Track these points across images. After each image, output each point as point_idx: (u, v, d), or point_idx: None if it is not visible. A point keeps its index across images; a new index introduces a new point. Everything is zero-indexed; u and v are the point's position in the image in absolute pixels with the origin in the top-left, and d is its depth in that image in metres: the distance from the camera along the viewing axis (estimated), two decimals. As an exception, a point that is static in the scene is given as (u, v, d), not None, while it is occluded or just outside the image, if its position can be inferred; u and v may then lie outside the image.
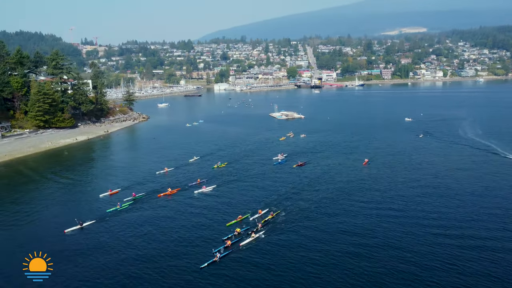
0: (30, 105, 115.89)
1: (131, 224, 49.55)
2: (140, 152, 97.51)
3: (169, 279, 36.77)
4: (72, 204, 58.68)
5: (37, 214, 54.42)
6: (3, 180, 73.13)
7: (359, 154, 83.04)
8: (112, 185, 64.99)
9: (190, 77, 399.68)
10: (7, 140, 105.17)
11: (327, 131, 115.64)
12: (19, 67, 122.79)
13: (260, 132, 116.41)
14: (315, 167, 73.63)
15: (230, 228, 47.07)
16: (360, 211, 51.57)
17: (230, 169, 74.16)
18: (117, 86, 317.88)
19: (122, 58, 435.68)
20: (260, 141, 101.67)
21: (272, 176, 68.69)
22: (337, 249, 41.46)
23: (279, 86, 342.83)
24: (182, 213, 52.97)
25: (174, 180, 67.95)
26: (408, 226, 46.27)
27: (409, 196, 56.79)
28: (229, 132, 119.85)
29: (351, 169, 72.17)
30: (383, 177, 66.43)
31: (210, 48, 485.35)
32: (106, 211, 54.14)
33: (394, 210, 51.74)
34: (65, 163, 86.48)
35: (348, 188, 60.91)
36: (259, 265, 38.89)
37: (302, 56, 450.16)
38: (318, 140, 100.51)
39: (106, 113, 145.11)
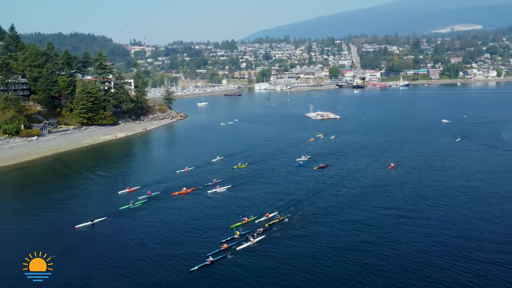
0: (75, 103, 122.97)
1: (138, 223, 50.17)
2: (170, 150, 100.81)
3: (156, 281, 36.40)
4: (91, 200, 60.24)
5: (55, 207, 56.78)
6: (38, 175, 77.70)
7: (388, 157, 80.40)
8: (134, 183, 66.76)
9: (232, 77, 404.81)
10: (53, 136, 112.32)
11: (360, 132, 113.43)
12: (66, 67, 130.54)
13: (292, 132, 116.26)
14: (336, 170, 72.17)
15: (234, 230, 46.46)
16: (374, 218, 49.05)
17: (249, 170, 74.12)
18: (162, 85, 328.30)
19: (167, 58, 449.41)
20: (289, 142, 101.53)
21: (290, 179, 67.62)
22: (343, 260, 38.91)
23: (320, 86, 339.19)
24: (190, 213, 52.98)
25: (192, 179, 68.45)
26: (431, 237, 43.25)
27: (434, 201, 54.24)
28: (261, 131, 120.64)
29: (375, 173, 69.90)
30: (408, 182, 63.93)
31: (253, 48, 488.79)
32: (119, 208, 55.13)
33: (415, 218, 48.91)
34: (100, 159, 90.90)
35: (366, 194, 58.36)
36: (252, 272, 37.64)
37: (345, 55, 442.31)
38: (348, 142, 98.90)
39: (146, 111, 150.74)
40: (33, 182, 73.08)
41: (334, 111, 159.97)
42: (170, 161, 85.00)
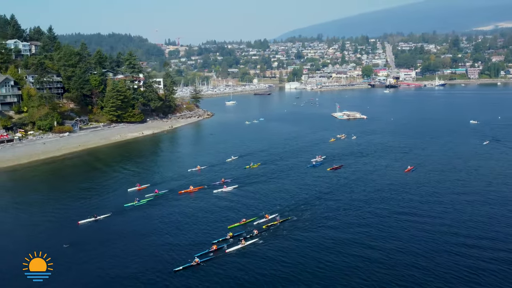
0: (105, 101, 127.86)
1: (136, 221, 50.68)
2: (191, 148, 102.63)
3: (139, 279, 36.32)
4: (100, 196, 61.08)
5: (65, 202, 58.54)
6: (62, 170, 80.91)
7: (407, 159, 77.95)
8: (146, 180, 67.58)
9: (263, 76, 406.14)
10: (83, 132, 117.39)
11: (385, 132, 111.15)
12: (98, 67, 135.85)
13: (315, 132, 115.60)
14: (350, 172, 70.44)
15: (228, 231, 45.63)
16: (382, 224, 46.78)
17: (261, 170, 73.57)
18: (193, 84, 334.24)
19: (200, 57, 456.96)
20: (309, 141, 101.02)
21: (299, 180, 66.53)
22: (335, 268, 37.08)
23: (351, 85, 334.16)
24: (191, 212, 53.02)
25: (202, 178, 68.58)
26: (438, 243, 41.26)
27: (446, 206, 52.05)
28: (284, 130, 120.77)
29: (390, 175, 67.62)
30: (423, 185, 61.43)
31: (286, 47, 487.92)
32: (123, 205, 55.78)
33: (423, 223, 46.73)
34: (123, 156, 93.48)
35: (374, 198, 56.02)
36: (237, 275, 36.72)
37: (379, 54, 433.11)
38: (370, 142, 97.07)
39: (174, 109, 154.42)
40: (55, 176, 76.60)
41: (361, 111, 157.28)
42: (187, 159, 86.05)
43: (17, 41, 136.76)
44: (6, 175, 77.59)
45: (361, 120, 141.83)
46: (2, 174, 77.88)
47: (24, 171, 79.63)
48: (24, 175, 77.28)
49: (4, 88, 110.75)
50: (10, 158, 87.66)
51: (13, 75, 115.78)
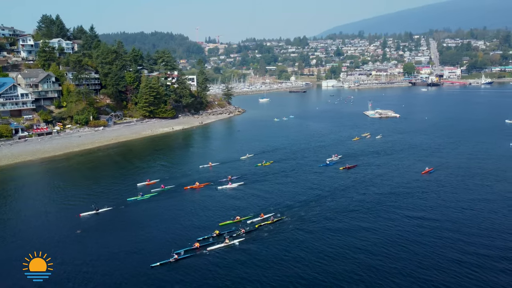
0: (139, 97, 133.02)
1: (134, 215, 51.81)
2: (213, 144, 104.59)
3: (115, 275, 36.62)
4: (109, 189, 62.84)
5: (76, 194, 60.90)
6: (90, 163, 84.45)
7: (429, 160, 75.05)
8: (157, 175, 68.97)
9: (301, 74, 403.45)
10: (117, 127, 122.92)
11: (414, 132, 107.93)
12: (133, 64, 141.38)
13: (342, 130, 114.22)
14: (363, 172, 68.93)
15: (221, 227, 46.04)
16: (376, 228, 44.88)
17: (272, 168, 73.25)
18: (230, 82, 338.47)
19: (239, 55, 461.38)
20: (333, 140, 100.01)
21: (307, 179, 65.53)
22: (316, 276, 35.60)
23: (391, 83, 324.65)
24: (189, 208, 53.70)
25: (212, 175, 69.03)
26: (445, 249, 39.40)
27: (461, 213, 49.26)
28: (310, 128, 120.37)
29: (405, 177, 65.23)
30: (439, 188, 58.74)
31: (325, 44, 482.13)
32: (126, 199, 57.12)
33: (431, 228, 44.59)
34: (150, 150, 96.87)
35: (379, 201, 53.91)
36: (213, 274, 36.54)
37: (423, 51, 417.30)
38: (394, 142, 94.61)
39: (205, 106, 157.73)
40: (85, 167, 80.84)
41: (396, 109, 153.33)
42: (204, 155, 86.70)
43: (61, 40, 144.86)
44: (42, 165, 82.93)
45: (394, 119, 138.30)
46: (40, 165, 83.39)
47: (58, 162, 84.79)
48: (58, 166, 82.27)
49: (46, 84, 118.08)
50: (47, 150, 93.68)
51: (54, 72, 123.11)
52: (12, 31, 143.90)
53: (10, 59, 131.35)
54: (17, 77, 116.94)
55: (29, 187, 67.77)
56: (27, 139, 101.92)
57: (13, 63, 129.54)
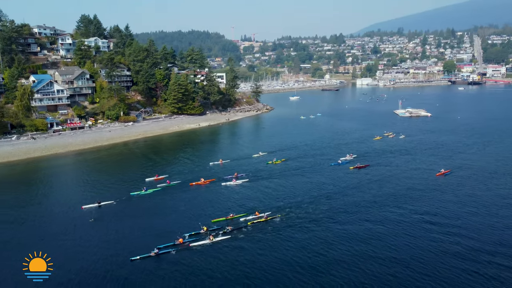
0: (168, 94, 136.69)
1: (132, 209, 52.93)
2: (233, 141, 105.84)
3: (95, 267, 37.67)
4: (117, 183, 64.91)
5: (87, 187, 63.67)
6: (113, 157, 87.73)
7: (448, 161, 72.33)
8: (167, 171, 70.06)
9: (336, 72, 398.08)
10: (146, 122, 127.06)
11: (442, 132, 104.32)
12: (164, 62, 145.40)
13: (366, 129, 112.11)
14: (374, 172, 67.27)
15: (213, 224, 46.27)
16: (372, 233, 43.03)
17: (282, 166, 72.99)
18: (263, 79, 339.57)
19: (274, 53, 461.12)
20: (353, 139, 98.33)
21: (313, 178, 64.61)
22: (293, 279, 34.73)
23: (429, 81, 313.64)
24: (188, 203, 54.39)
25: (220, 172, 69.41)
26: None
27: (470, 220, 46.40)
28: (336, 126, 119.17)
29: (417, 178, 62.93)
30: (451, 192, 55.94)
31: (362, 41, 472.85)
32: (130, 193, 58.46)
33: (439, 235, 42.45)
34: (173, 145, 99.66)
35: (382, 203, 51.93)
36: (189, 270, 36.65)
37: (465, 48, 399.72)
38: (417, 142, 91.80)
39: (233, 103, 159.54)
40: (109, 160, 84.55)
41: (429, 109, 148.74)
42: (220, 152, 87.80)
43: (97, 39, 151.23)
44: (70, 158, 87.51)
45: (425, 118, 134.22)
46: (71, 157, 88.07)
47: (84, 155, 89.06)
48: (83, 158, 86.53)
49: (81, 80, 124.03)
50: (78, 143, 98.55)
51: (89, 70, 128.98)
52: (53, 30, 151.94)
53: (50, 57, 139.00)
54: (55, 74, 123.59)
55: (48, 178, 71.73)
56: (61, 133, 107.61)
57: (53, 61, 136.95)
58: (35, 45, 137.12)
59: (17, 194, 61.87)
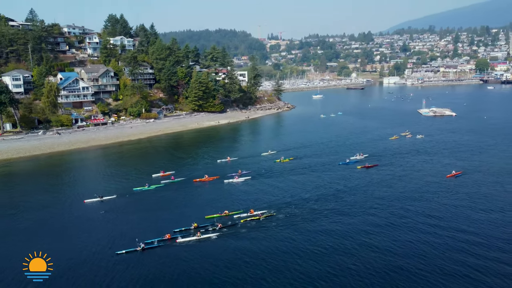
0: (189, 91, 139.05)
1: (131, 203, 53.95)
2: (249, 139, 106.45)
3: (80, 259, 38.40)
4: (124, 178, 66.72)
5: (87, 182, 66.01)
6: (128, 152, 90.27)
7: (463, 162, 69.77)
8: (175, 167, 70.82)
9: (363, 70, 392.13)
10: (167, 119, 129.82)
11: (463, 132, 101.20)
12: (186, 60, 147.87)
13: (385, 128, 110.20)
14: (381, 172, 65.82)
15: (206, 220, 46.52)
16: (363, 237, 41.51)
17: (289, 164, 72.54)
18: (289, 78, 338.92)
19: (301, 51, 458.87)
20: (369, 138, 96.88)
21: (318, 177, 63.67)
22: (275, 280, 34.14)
23: (459, 80, 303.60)
24: (186, 199, 54.94)
25: (226, 169, 69.33)
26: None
27: (478, 227, 43.46)
28: (355, 125, 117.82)
29: (425, 180, 60.79)
30: (460, 195, 53.56)
31: (391, 39, 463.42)
32: (133, 189, 59.69)
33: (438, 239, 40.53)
34: (188, 142, 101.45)
35: (382, 205, 50.30)
36: (173, 266, 36.83)
37: (500, 46, 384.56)
38: (437, 142, 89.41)
39: (254, 101, 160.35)
40: (128, 155, 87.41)
41: (455, 108, 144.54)
42: (233, 149, 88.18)
43: (123, 38, 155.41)
44: (90, 153, 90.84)
45: (449, 118, 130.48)
46: (91, 152, 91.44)
47: (106, 150, 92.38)
48: (106, 153, 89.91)
49: (105, 78, 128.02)
50: (100, 139, 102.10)
51: (114, 67, 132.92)
52: (82, 30, 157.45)
53: (78, 55, 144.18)
54: (81, 72, 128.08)
55: (65, 171, 74.95)
56: (84, 128, 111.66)
57: (80, 59, 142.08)
58: (64, 44, 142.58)
59: (31, 185, 65.14)
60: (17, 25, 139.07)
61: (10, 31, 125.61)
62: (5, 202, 56.96)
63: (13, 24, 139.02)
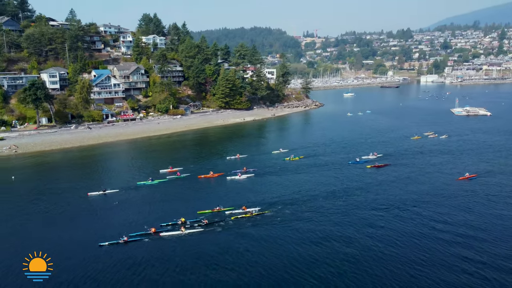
0: (216, 89, 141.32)
1: (135, 197, 55.20)
2: (267, 136, 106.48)
3: (65, 250, 39.31)
4: (132, 172, 68.50)
5: (105, 174, 68.34)
6: (149, 146, 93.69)
7: (482, 165, 66.68)
8: (184, 163, 71.93)
9: (400, 68, 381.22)
10: (193, 116, 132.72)
11: (496, 132, 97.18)
12: (214, 58, 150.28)
13: (410, 127, 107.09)
14: (390, 172, 64.34)
15: (200, 215, 47.04)
16: (356, 240, 40.09)
17: (298, 163, 72.04)
18: (323, 76, 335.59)
19: (336, 49, 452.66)
20: (391, 137, 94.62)
21: (323, 176, 62.93)
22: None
23: (503, 79, 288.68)
24: (183, 194, 55.83)
25: (234, 166, 69.68)
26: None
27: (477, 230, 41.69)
28: (380, 124, 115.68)
29: (434, 182, 58.55)
30: (464, 198, 51.16)
31: (431, 36, 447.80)
32: (136, 183, 60.97)
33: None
34: (208, 138, 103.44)
35: (381, 207, 48.75)
36: (151, 261, 37.24)
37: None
38: (462, 142, 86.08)
39: (282, 99, 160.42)
40: (151, 149, 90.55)
41: (491, 107, 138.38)
42: (246, 147, 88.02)
43: (155, 36, 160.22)
44: (118, 147, 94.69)
45: (483, 117, 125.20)
46: (116, 146, 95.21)
47: (132, 144, 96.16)
48: (129, 148, 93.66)
49: (136, 75, 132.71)
50: (127, 133, 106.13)
51: (145, 65, 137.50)
52: (117, 29, 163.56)
53: (112, 53, 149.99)
54: (114, 69, 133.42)
55: (88, 164, 78.82)
56: (114, 123, 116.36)
57: (114, 57, 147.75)
58: (100, 42, 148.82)
59: (53, 176, 69.33)
60: (57, 24, 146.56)
61: (50, 31, 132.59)
62: (33, 187, 61.76)
63: (53, 23, 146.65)
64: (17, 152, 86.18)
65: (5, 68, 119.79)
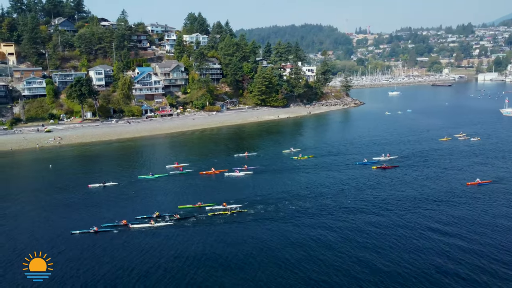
0: (253, 86, 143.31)
1: (132, 190, 56.92)
2: (291, 134, 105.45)
3: (37, 236, 42.10)
4: (139, 167, 71.22)
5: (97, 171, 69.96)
6: (190, 141, 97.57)
7: (498, 170, 62.39)
8: (197, 160, 73.90)
9: (458, 65, 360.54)
10: (228, 113, 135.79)
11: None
12: (252, 55, 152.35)
13: (451, 127, 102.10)
14: (397, 174, 62.09)
15: (181, 210, 48.08)
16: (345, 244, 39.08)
17: (305, 162, 71.32)
18: (373, 73, 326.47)
19: (389, 45, 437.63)
20: (420, 138, 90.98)
21: (322, 176, 61.80)
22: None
23: None
24: (176, 188, 57.28)
25: (240, 163, 69.75)
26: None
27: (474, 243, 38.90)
28: (414, 124, 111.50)
29: (442, 187, 55.38)
30: (469, 205, 48.22)
31: (495, 31, 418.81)
32: (137, 177, 63.03)
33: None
34: (237, 135, 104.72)
35: (379, 209, 47.22)
36: (118, 250, 38.65)
37: None
38: (495, 146, 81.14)
39: (320, 96, 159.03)
40: (182, 144, 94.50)
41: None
42: (262, 145, 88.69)
43: (198, 35, 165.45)
44: (150, 140, 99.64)
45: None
46: (150, 140, 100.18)
47: (162, 139, 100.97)
48: (162, 142, 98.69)
49: (176, 73, 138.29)
50: (162, 128, 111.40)
51: (185, 63, 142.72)
52: (164, 28, 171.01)
53: (157, 52, 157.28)
54: (155, 67, 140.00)
55: (115, 156, 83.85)
56: (152, 119, 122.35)
57: (159, 55, 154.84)
58: (146, 41, 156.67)
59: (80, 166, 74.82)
60: (107, 25, 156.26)
61: (99, 30, 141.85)
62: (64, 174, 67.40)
63: (104, 24, 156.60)
64: (61, 144, 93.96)
65: (58, 66, 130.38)
